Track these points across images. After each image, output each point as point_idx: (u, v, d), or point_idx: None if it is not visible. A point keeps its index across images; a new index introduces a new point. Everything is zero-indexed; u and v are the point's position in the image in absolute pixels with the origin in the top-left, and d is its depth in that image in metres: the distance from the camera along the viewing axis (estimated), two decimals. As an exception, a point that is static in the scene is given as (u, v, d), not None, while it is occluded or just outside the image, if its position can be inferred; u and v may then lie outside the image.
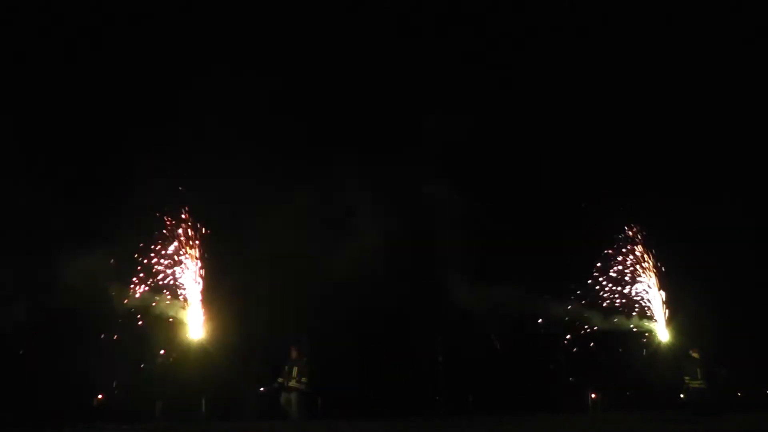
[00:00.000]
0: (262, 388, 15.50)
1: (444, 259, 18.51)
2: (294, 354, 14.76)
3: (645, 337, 18.65)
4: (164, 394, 15.48)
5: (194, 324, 16.29)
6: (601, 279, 18.98)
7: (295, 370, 14.53)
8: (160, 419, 15.29)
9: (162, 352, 15.91)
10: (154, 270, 16.16)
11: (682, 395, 16.22)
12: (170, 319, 16.03)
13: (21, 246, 15.33)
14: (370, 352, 18.04)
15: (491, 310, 18.14)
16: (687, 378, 16.07)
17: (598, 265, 19.09)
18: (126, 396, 15.70)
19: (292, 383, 14.50)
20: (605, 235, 19.14)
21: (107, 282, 15.55)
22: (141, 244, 16.14)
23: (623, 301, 18.88)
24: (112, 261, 15.57)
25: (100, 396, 14.67)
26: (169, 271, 16.32)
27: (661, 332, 18.51)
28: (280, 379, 14.77)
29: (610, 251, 19.17)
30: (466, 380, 18.32)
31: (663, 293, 18.50)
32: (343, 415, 16.11)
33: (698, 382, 15.91)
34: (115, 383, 15.55)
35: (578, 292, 18.87)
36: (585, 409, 18.44)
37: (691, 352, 16.30)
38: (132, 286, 15.89)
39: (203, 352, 16.19)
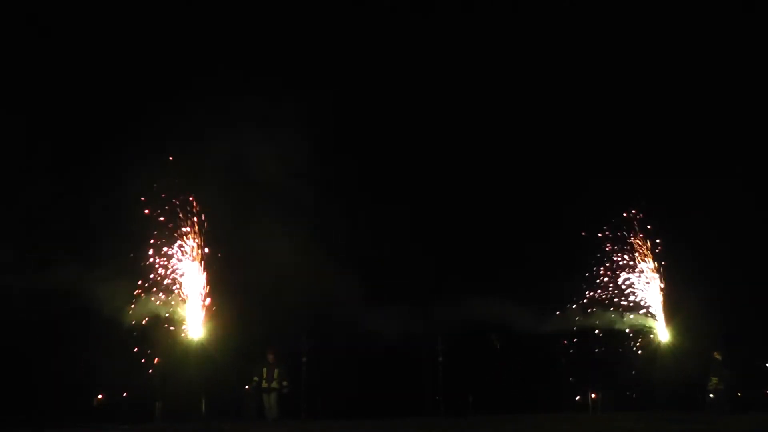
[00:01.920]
0: (246, 386, 15.62)
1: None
2: (271, 357, 15.08)
3: (645, 336, 18.58)
4: (164, 394, 15.53)
5: (194, 324, 16.27)
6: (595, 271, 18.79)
7: (276, 372, 14.88)
8: (159, 419, 15.31)
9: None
10: (156, 267, 16.11)
11: (711, 395, 16.28)
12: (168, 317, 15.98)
13: (22, 243, 15.27)
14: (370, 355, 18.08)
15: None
16: (714, 379, 16.18)
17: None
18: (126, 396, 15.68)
19: (274, 384, 14.86)
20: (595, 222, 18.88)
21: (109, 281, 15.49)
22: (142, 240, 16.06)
23: (618, 297, 18.71)
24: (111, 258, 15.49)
25: (100, 396, 14.64)
26: (170, 269, 16.25)
27: (661, 331, 18.46)
28: (255, 378, 15.12)
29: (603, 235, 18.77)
30: (466, 380, 18.29)
31: (662, 286, 18.34)
32: (343, 415, 16.12)
33: (722, 384, 16.07)
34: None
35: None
36: (585, 409, 18.42)
37: (714, 354, 16.37)
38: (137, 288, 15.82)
39: (203, 352, 16.16)
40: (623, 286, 18.71)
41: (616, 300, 18.62)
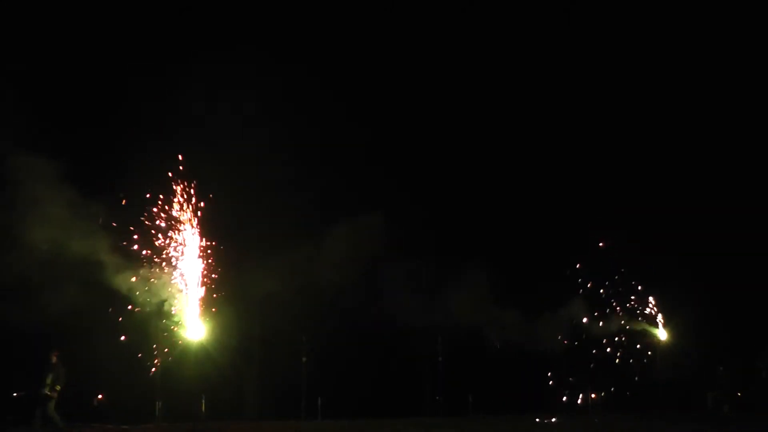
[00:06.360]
0: (15, 393, 14.45)
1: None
2: (53, 359, 13.80)
3: (644, 337, 18.63)
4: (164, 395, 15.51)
5: (192, 318, 16.18)
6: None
7: (50, 377, 13.58)
8: (159, 419, 15.30)
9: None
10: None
11: None
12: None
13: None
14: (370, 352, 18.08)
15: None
16: None
17: None
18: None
19: (47, 390, 13.52)
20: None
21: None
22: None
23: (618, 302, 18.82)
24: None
25: (100, 396, 14.58)
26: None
27: (660, 332, 18.51)
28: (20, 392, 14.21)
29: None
30: (466, 380, 18.30)
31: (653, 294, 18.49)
32: (343, 415, 16.13)
33: None
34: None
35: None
36: (585, 409, 18.45)
37: None
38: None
39: (203, 352, 16.12)
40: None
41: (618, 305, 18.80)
